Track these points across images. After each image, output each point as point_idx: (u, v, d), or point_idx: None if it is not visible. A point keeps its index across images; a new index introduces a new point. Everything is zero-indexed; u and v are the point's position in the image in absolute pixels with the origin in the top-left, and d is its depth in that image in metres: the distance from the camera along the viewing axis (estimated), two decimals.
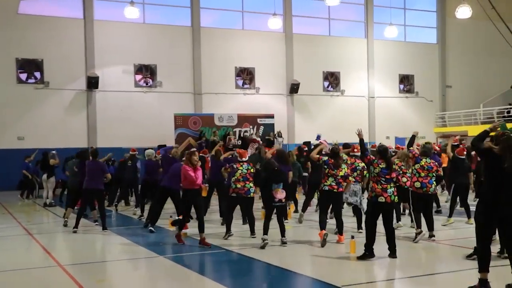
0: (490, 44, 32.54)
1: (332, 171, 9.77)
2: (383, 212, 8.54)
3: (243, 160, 10.82)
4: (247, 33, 28.72)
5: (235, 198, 10.66)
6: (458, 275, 7.44)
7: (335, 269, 8.17)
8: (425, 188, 9.88)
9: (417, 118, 32.45)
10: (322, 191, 9.97)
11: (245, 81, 28.75)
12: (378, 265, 8.31)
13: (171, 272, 8.29)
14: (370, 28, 31.48)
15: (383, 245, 8.73)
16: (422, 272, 7.76)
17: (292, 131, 29.21)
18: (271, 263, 8.47)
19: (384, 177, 8.48)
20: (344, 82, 30.80)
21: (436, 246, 9.69)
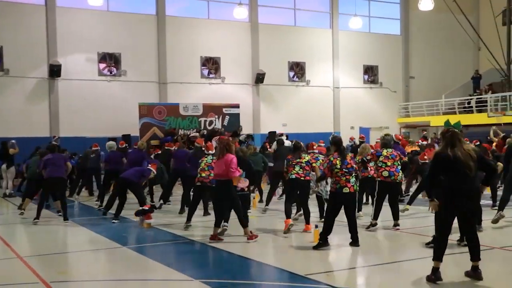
0: (452, 36, 33.09)
1: (294, 161, 9.91)
2: (346, 202, 8.63)
3: (209, 153, 10.85)
4: (212, 22, 28.54)
5: (200, 187, 10.68)
6: (417, 262, 7.58)
7: (299, 258, 8.23)
8: (393, 176, 9.99)
9: (381, 109, 32.85)
10: (288, 179, 10.03)
11: (210, 71, 28.60)
12: (341, 254, 8.42)
13: (134, 262, 8.23)
14: (335, 18, 31.64)
15: (345, 234, 8.83)
16: (384, 260, 7.90)
17: (258, 121, 29.23)
18: (234, 253, 8.48)
19: (346, 168, 8.57)
20: (309, 73, 30.93)
21: (399, 234, 9.86)
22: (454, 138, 6.48)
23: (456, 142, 6.45)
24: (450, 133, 6.53)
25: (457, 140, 6.47)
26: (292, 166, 9.92)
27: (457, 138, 6.48)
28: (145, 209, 11.19)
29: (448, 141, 6.50)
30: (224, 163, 9.12)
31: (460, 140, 6.49)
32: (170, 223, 11.51)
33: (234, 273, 7.64)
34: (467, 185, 6.40)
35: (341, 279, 7.16)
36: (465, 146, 6.50)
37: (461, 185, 6.37)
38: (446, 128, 6.66)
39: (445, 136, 6.56)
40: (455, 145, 6.43)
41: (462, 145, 6.47)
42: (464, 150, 6.40)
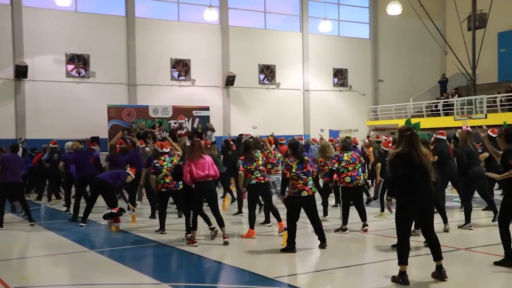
0: (419, 40, 33.59)
1: (252, 166, 9.80)
2: (307, 206, 8.63)
3: (163, 151, 10.61)
4: (183, 24, 28.42)
5: (165, 193, 10.49)
6: (384, 264, 7.65)
7: (267, 261, 8.24)
8: (355, 181, 10.07)
9: (351, 112, 33.15)
10: (249, 186, 9.94)
11: (180, 73, 28.47)
12: (309, 256, 8.46)
13: (101, 266, 8.14)
14: (305, 22, 31.83)
15: (312, 237, 8.87)
16: (351, 263, 7.96)
17: (228, 123, 29.20)
18: (204, 256, 8.45)
19: (302, 171, 8.58)
20: (279, 75, 31.04)
21: (366, 236, 9.95)
22: (413, 138, 6.52)
23: (415, 143, 6.50)
24: (410, 132, 6.56)
25: (416, 141, 6.53)
26: (250, 172, 9.83)
27: (415, 139, 6.54)
28: (114, 212, 11.07)
29: (408, 141, 6.51)
30: (210, 164, 9.17)
31: (418, 141, 6.57)
32: (139, 226, 11.42)
33: (202, 276, 7.62)
34: (427, 187, 6.50)
35: (307, 281, 7.20)
36: (423, 148, 6.58)
37: (421, 187, 6.46)
38: (405, 127, 6.68)
39: (404, 135, 6.57)
40: (416, 146, 6.49)
41: (421, 147, 6.55)
42: (423, 153, 6.49)
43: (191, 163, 9.13)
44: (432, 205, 6.77)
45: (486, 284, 6.73)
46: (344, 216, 10.12)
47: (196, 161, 9.13)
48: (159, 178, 10.38)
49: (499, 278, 6.92)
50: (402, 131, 6.64)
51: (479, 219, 10.92)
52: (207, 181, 9.20)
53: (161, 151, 10.61)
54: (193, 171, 9.08)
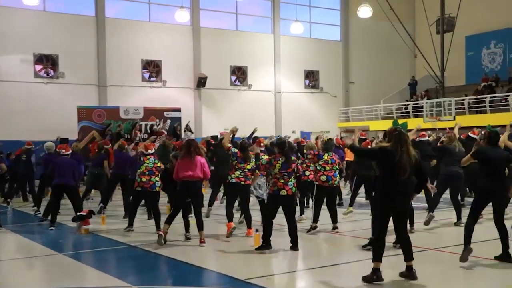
0: (389, 43, 33.97)
1: (240, 164, 9.86)
2: (285, 205, 8.66)
3: (148, 153, 10.61)
4: (154, 25, 28.23)
5: (139, 192, 10.47)
6: (356, 265, 7.72)
7: (239, 262, 8.23)
8: (331, 181, 10.13)
9: (322, 113, 33.36)
10: (229, 183, 10.00)
11: (151, 74, 28.27)
12: (281, 258, 8.47)
13: (70, 270, 8.01)
14: (276, 24, 31.93)
15: (286, 238, 8.89)
16: (323, 263, 8.00)
17: (200, 124, 29.09)
18: (175, 258, 8.40)
19: (286, 171, 8.62)
20: (251, 77, 31.06)
21: (338, 237, 10.01)
22: (402, 137, 6.57)
23: (403, 142, 6.55)
24: (398, 132, 6.62)
25: (405, 141, 6.58)
26: (234, 168, 9.88)
27: (404, 139, 6.58)
28: (83, 215, 10.92)
29: (397, 140, 6.55)
30: (200, 164, 9.19)
31: (407, 141, 6.61)
32: (110, 228, 11.29)
33: (174, 278, 7.57)
34: (403, 186, 6.57)
35: (280, 282, 7.22)
36: (411, 148, 6.63)
37: (397, 186, 6.53)
38: (393, 127, 6.78)
39: (393, 135, 6.64)
40: (403, 146, 6.52)
41: (409, 147, 6.59)
42: (409, 154, 6.54)
43: (181, 161, 9.24)
44: (408, 206, 6.84)
45: (453, 283, 6.84)
46: (315, 214, 10.18)
47: (186, 160, 9.19)
48: (136, 175, 10.40)
49: (465, 277, 7.03)
50: (391, 132, 6.71)
51: (448, 219, 11.07)
52: (192, 181, 9.22)
53: (146, 153, 10.61)
54: (180, 169, 9.16)
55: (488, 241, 8.22)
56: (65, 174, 11.35)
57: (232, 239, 9.71)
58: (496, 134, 7.89)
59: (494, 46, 32.42)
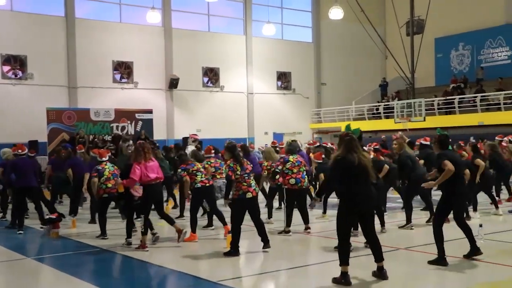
0: (361, 45, 34.28)
1: (193, 168, 9.83)
2: (251, 207, 8.62)
3: (103, 160, 10.48)
4: (125, 26, 27.99)
5: (107, 198, 10.29)
6: (327, 265, 7.72)
7: (211, 264, 8.19)
8: (300, 183, 10.13)
9: (294, 114, 33.47)
10: (194, 189, 9.89)
11: (123, 75, 28.01)
12: (252, 259, 8.44)
13: (40, 274, 7.88)
14: (248, 25, 31.95)
15: (256, 239, 8.85)
16: (294, 264, 7.99)
17: (171, 126, 28.95)
18: (146, 261, 8.31)
19: (245, 172, 8.59)
20: (223, 78, 31.02)
21: (309, 238, 10.02)
22: (353, 143, 6.67)
23: (355, 148, 6.64)
24: (349, 137, 6.70)
25: (355, 146, 6.66)
26: (194, 174, 9.80)
27: (355, 144, 6.67)
28: (52, 218, 10.74)
29: (348, 146, 6.65)
30: (156, 166, 9.19)
31: (357, 145, 6.71)
32: (80, 232, 11.13)
33: (144, 281, 7.48)
34: (367, 190, 6.62)
35: (250, 284, 7.20)
36: (364, 153, 6.71)
37: (362, 190, 6.58)
38: (345, 132, 6.85)
39: (343, 140, 6.71)
40: (355, 151, 6.61)
41: (362, 151, 6.69)
42: (365, 156, 6.62)
43: (141, 165, 8.99)
44: (373, 207, 6.89)
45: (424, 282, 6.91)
46: (287, 218, 10.18)
47: (147, 164, 9.06)
48: (100, 183, 10.21)
49: (436, 277, 7.11)
50: (342, 136, 6.80)
51: (419, 219, 11.19)
52: (157, 183, 9.23)
53: (100, 160, 10.48)
54: (144, 172, 8.99)
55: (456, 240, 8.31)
56: (26, 175, 11.14)
57: (202, 241, 9.66)
58: (446, 137, 8.02)
59: (463, 48, 33.00)
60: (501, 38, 31.00)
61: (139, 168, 8.90)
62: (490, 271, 7.20)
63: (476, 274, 7.14)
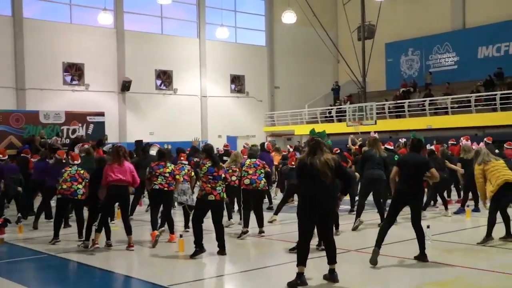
0: (313, 48, 34.65)
1: (158, 170, 9.75)
2: (213, 210, 8.61)
3: (74, 163, 10.35)
4: (75, 27, 27.45)
5: (61, 200, 10.09)
6: (283, 268, 7.76)
7: (164, 269, 8.10)
8: (255, 184, 10.13)
9: (248, 118, 33.53)
10: (152, 190, 9.85)
11: (73, 77, 27.45)
12: (208, 262, 8.38)
13: None
14: (202, 28, 31.85)
15: (213, 243, 8.83)
16: (250, 267, 7.99)
17: (124, 129, 28.54)
18: (97, 267, 8.15)
19: (212, 175, 8.58)
20: (176, 81, 30.81)
21: (266, 241, 10.02)
22: (316, 146, 6.79)
23: (317, 151, 6.74)
24: (314, 141, 6.84)
25: (319, 149, 6.76)
26: (155, 176, 9.76)
27: (318, 147, 6.78)
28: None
29: (311, 149, 6.80)
30: (129, 169, 9.25)
31: (321, 148, 6.79)
32: (27, 237, 10.82)
33: (95, 287, 7.34)
34: (324, 192, 6.69)
35: (204, 287, 7.15)
36: (325, 154, 6.79)
37: (318, 192, 6.65)
38: (311, 137, 6.98)
39: (309, 144, 6.85)
40: (316, 153, 6.71)
41: (323, 153, 6.76)
42: (323, 158, 6.69)
43: (110, 166, 9.24)
44: (331, 209, 6.95)
45: (373, 283, 7.01)
46: (245, 218, 10.17)
47: (115, 165, 9.21)
48: (58, 183, 10.08)
49: (385, 277, 7.24)
50: (309, 142, 6.94)
51: (372, 220, 11.36)
52: (121, 185, 9.20)
53: (72, 163, 10.31)
54: (109, 173, 9.13)
55: (408, 241, 8.49)
56: None
57: (158, 245, 9.54)
58: (418, 141, 8.28)
59: (412, 53, 33.79)
60: (448, 44, 31.91)
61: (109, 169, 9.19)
62: (438, 271, 7.37)
63: (425, 274, 7.30)
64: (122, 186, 9.24)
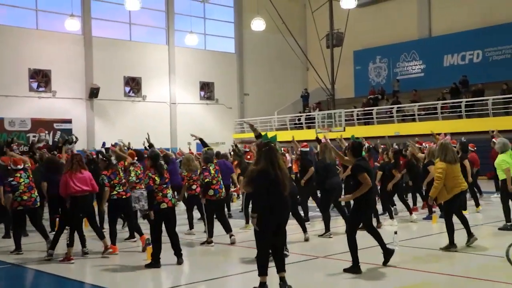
0: (283, 56, 34.86)
1: (115, 180, 9.56)
2: (167, 218, 8.49)
3: (18, 168, 9.97)
4: (42, 33, 27.09)
5: (22, 211, 9.81)
6: (246, 276, 7.73)
7: (128, 277, 8.00)
8: (218, 194, 10.06)
9: (218, 125, 33.51)
10: (111, 200, 9.64)
11: (40, 84, 27.06)
12: (169, 271, 8.27)
13: None
14: (171, 35, 31.76)
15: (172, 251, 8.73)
16: (211, 276, 7.91)
17: (92, 136, 28.21)
18: (62, 276, 8.01)
19: (164, 182, 8.51)
20: (145, 88, 30.62)
21: (232, 248, 9.97)
22: (271, 153, 6.66)
23: (273, 158, 6.62)
24: (268, 147, 6.68)
25: (274, 156, 6.65)
26: (112, 186, 9.56)
27: (274, 153, 6.67)
28: None
29: (266, 156, 6.62)
30: (88, 177, 9.12)
31: (277, 155, 6.70)
32: None
33: None
34: (283, 201, 6.65)
35: None
36: (281, 163, 6.74)
37: (278, 201, 6.60)
38: (263, 142, 6.82)
39: (262, 150, 6.69)
40: (273, 161, 6.60)
41: (280, 162, 6.68)
42: (281, 168, 6.64)
43: (69, 176, 8.97)
44: (287, 219, 6.93)
45: None
46: (209, 228, 10.10)
47: (75, 175, 8.98)
48: (15, 195, 9.72)
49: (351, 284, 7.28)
50: (260, 147, 6.75)
51: (337, 227, 11.42)
52: (84, 195, 9.05)
53: (15, 168, 9.93)
54: (70, 184, 8.89)
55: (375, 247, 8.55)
56: None
57: (123, 253, 9.43)
58: (359, 144, 8.22)
59: (380, 61, 34.27)
60: (414, 52, 32.45)
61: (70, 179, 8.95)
62: (404, 276, 7.44)
63: (390, 280, 7.35)
64: (84, 196, 9.06)
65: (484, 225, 11.74)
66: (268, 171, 6.54)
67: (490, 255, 8.57)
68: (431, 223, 12.08)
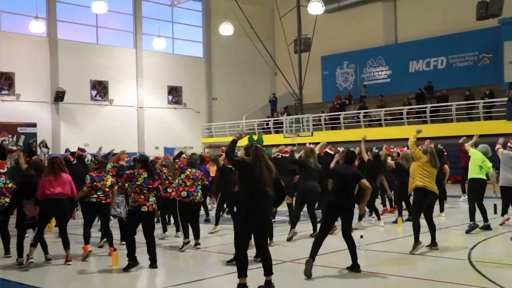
0: (251, 60, 34.93)
1: (99, 184, 9.44)
2: (145, 222, 8.46)
3: (0, 172, 9.84)
4: (5, 35, 26.58)
5: None
6: (218, 279, 7.72)
7: (95, 284, 7.90)
8: (192, 196, 10.01)
9: (186, 129, 33.37)
10: (89, 202, 9.52)
11: (3, 87, 26.52)
12: (142, 276, 8.21)
13: None
14: (138, 38, 31.53)
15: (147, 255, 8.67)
16: (185, 280, 7.87)
17: (58, 140, 27.76)
18: (26, 283, 7.84)
19: (147, 187, 8.46)
20: (112, 92, 30.31)
21: (202, 253, 9.90)
22: (258, 151, 6.69)
23: (260, 156, 6.66)
24: (254, 148, 6.73)
25: (261, 155, 6.68)
26: (94, 189, 9.44)
27: (261, 154, 6.70)
28: None
29: (254, 153, 6.66)
30: (67, 181, 8.97)
31: (264, 155, 6.72)
32: None
33: None
34: (263, 203, 6.68)
35: None
36: (269, 163, 6.74)
37: (258, 203, 6.62)
38: (249, 144, 6.87)
39: (249, 150, 6.74)
40: (261, 158, 6.63)
41: (267, 161, 6.70)
42: (268, 168, 6.66)
43: (47, 179, 8.84)
44: (267, 221, 6.96)
45: None
46: (184, 229, 10.05)
47: (54, 178, 8.84)
48: None
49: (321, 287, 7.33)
50: (247, 148, 6.82)
51: (306, 231, 11.46)
52: (59, 199, 8.86)
53: None
54: (47, 186, 8.75)
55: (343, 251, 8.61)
56: None
57: (93, 258, 9.30)
58: (352, 153, 8.44)
59: (347, 67, 34.64)
60: (381, 58, 32.91)
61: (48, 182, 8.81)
62: (370, 280, 7.51)
63: (357, 284, 7.42)
64: (61, 200, 8.87)
65: (449, 228, 11.95)
66: (254, 167, 6.56)
67: (454, 258, 8.73)
68: (397, 227, 12.24)
